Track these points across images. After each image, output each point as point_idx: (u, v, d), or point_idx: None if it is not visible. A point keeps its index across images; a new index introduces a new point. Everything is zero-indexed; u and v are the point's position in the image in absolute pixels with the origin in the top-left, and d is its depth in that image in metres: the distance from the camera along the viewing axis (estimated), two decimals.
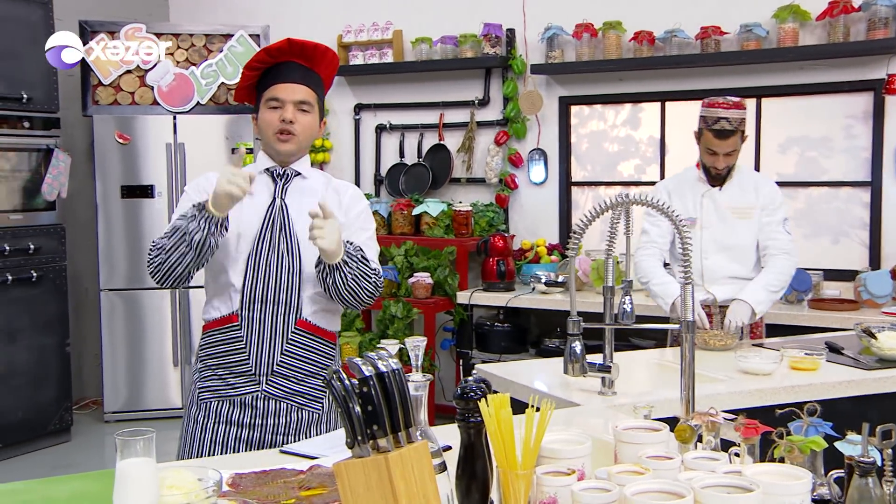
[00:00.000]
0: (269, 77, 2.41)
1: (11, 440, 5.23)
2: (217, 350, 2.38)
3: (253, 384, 2.35)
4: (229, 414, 2.36)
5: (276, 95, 2.38)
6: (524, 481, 1.42)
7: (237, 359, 2.35)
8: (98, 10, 6.24)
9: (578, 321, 2.36)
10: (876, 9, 4.62)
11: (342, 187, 2.51)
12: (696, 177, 3.57)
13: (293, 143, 2.40)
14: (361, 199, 2.51)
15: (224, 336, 2.36)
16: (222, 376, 2.38)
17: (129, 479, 1.40)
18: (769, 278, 3.45)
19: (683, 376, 2.16)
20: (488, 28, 5.60)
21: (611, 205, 2.27)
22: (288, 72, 2.40)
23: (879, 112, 4.82)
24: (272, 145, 2.41)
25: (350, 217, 2.44)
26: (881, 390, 2.91)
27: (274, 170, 2.43)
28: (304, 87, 2.40)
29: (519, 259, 5.59)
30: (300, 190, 2.43)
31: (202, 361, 2.43)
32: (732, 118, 3.38)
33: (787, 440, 1.61)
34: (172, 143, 5.93)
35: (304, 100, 2.39)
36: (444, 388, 5.73)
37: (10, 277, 5.18)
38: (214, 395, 2.39)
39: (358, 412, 1.33)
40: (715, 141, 3.40)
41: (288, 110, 2.37)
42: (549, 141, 5.71)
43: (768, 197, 3.54)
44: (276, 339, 2.34)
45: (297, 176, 2.45)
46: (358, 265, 2.28)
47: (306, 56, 2.42)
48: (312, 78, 2.44)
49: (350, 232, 2.39)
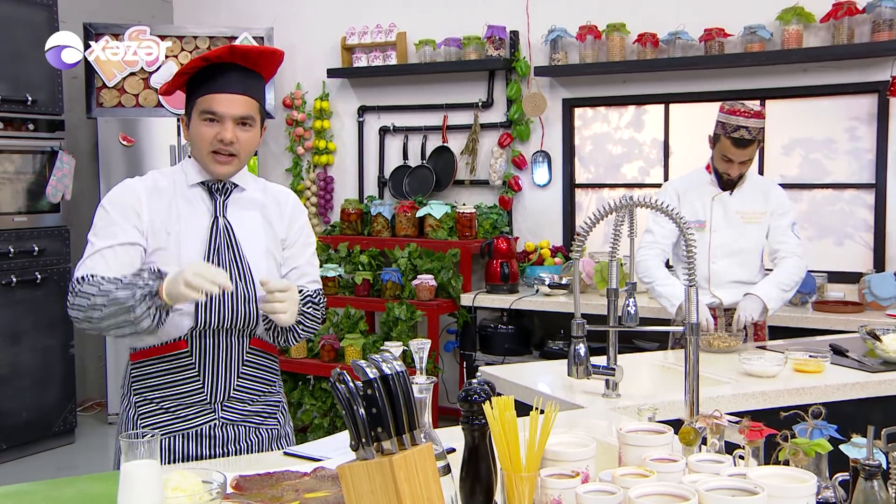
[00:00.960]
0: (205, 84, 2.11)
1: (16, 442, 5.24)
2: (160, 381, 2.14)
3: (208, 413, 2.15)
4: (185, 449, 2.13)
5: (214, 108, 2.09)
6: (528, 484, 1.42)
7: (188, 388, 2.13)
8: (102, 12, 6.26)
9: (582, 323, 2.36)
10: (880, 10, 4.61)
11: (282, 196, 2.29)
12: (706, 180, 3.56)
13: (233, 164, 2.14)
14: (303, 210, 2.32)
15: (168, 364, 2.13)
16: (169, 409, 2.13)
17: (133, 481, 1.41)
18: (781, 277, 3.48)
19: (688, 378, 2.16)
20: (492, 30, 5.60)
21: (615, 207, 2.27)
22: (227, 81, 2.10)
23: (883, 114, 4.81)
24: (207, 165, 2.13)
25: (293, 232, 2.26)
26: (886, 393, 2.91)
27: (211, 184, 2.17)
28: (245, 99, 2.11)
29: (523, 261, 5.59)
30: (239, 203, 2.20)
31: (139, 394, 2.16)
32: (752, 127, 3.37)
33: (791, 443, 1.61)
34: (176, 145, 5.94)
35: (246, 114, 2.12)
36: (447, 390, 5.73)
37: (15, 279, 5.19)
38: (165, 433, 2.12)
39: (362, 414, 1.33)
40: (733, 149, 3.39)
41: (227, 129, 2.09)
42: (553, 143, 5.71)
43: (777, 202, 3.57)
44: (232, 363, 2.16)
45: (236, 188, 2.20)
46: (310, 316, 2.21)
47: (249, 60, 2.14)
48: (253, 85, 2.15)
49: (295, 249, 2.26)
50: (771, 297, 3.43)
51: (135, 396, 2.17)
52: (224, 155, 2.12)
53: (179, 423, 2.14)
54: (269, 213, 2.25)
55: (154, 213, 2.13)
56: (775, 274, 3.50)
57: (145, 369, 2.15)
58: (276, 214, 2.25)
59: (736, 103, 3.46)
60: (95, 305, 1.99)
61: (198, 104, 2.12)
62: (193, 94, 2.14)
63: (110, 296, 1.97)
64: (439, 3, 5.94)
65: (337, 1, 6.29)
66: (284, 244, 2.26)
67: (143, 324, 1.95)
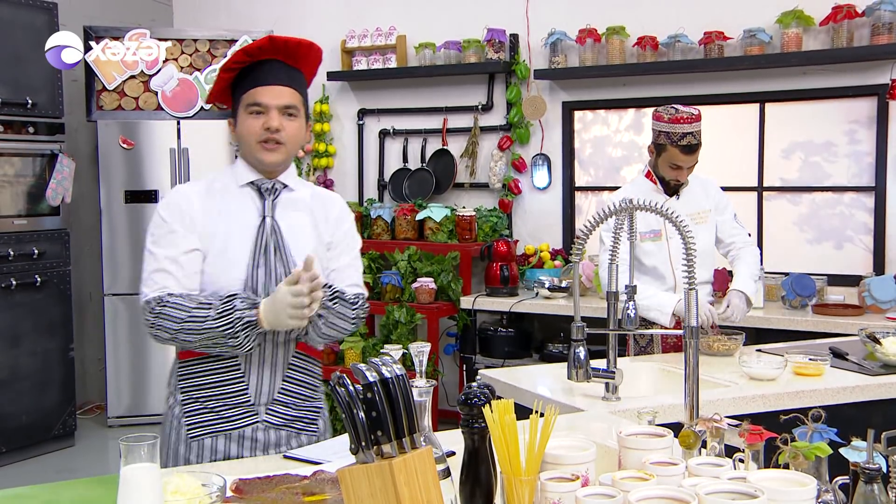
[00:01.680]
0: (249, 78, 2.17)
1: (15, 445, 5.23)
2: (206, 380, 2.18)
3: (251, 415, 2.18)
4: (227, 450, 2.17)
5: (259, 100, 2.15)
6: (528, 487, 1.42)
7: (233, 389, 2.17)
8: (102, 15, 6.27)
9: (582, 326, 2.36)
10: (880, 14, 4.62)
11: (329, 200, 2.33)
12: (651, 188, 3.54)
13: (280, 152, 2.18)
14: (349, 215, 2.35)
15: (215, 366, 2.17)
16: (213, 409, 2.17)
17: (133, 485, 1.40)
18: (751, 269, 3.59)
19: (687, 382, 2.16)
20: (492, 33, 5.61)
21: (614, 210, 2.27)
22: (270, 73, 2.16)
23: (883, 117, 4.82)
24: (256, 156, 2.18)
25: (338, 235, 2.29)
26: (886, 396, 2.91)
27: (260, 184, 2.21)
28: (289, 90, 2.17)
29: (522, 264, 5.59)
30: (288, 204, 2.24)
31: (185, 393, 2.19)
32: (696, 132, 3.38)
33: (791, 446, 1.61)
34: (176, 148, 5.94)
35: (291, 104, 2.17)
36: (447, 393, 5.72)
37: (15, 282, 5.18)
38: (208, 432, 2.17)
39: (362, 418, 1.33)
40: (682, 156, 3.39)
41: (273, 117, 2.15)
42: (553, 146, 5.71)
43: (717, 196, 3.64)
44: (277, 367, 2.20)
45: (285, 189, 2.24)
46: (334, 312, 2.16)
47: (289, 54, 2.19)
48: (297, 78, 2.21)
49: (336, 252, 2.27)
50: (750, 290, 3.54)
51: (180, 395, 2.20)
52: (271, 143, 2.16)
53: (223, 424, 2.17)
54: (317, 216, 2.27)
55: (206, 216, 2.17)
56: (744, 267, 3.58)
57: (192, 369, 2.19)
58: (323, 217, 2.27)
59: (672, 109, 3.41)
60: (187, 330, 2.05)
61: (243, 100, 2.18)
62: (238, 92, 2.20)
63: (205, 324, 2.04)
64: (439, 6, 5.95)
65: (337, 4, 6.29)
66: (329, 247, 2.27)
67: (246, 347, 2.06)
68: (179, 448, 2.18)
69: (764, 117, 5.15)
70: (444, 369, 5.74)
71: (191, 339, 2.07)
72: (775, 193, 5.17)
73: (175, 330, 2.06)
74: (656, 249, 3.52)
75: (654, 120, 3.46)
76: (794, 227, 5.13)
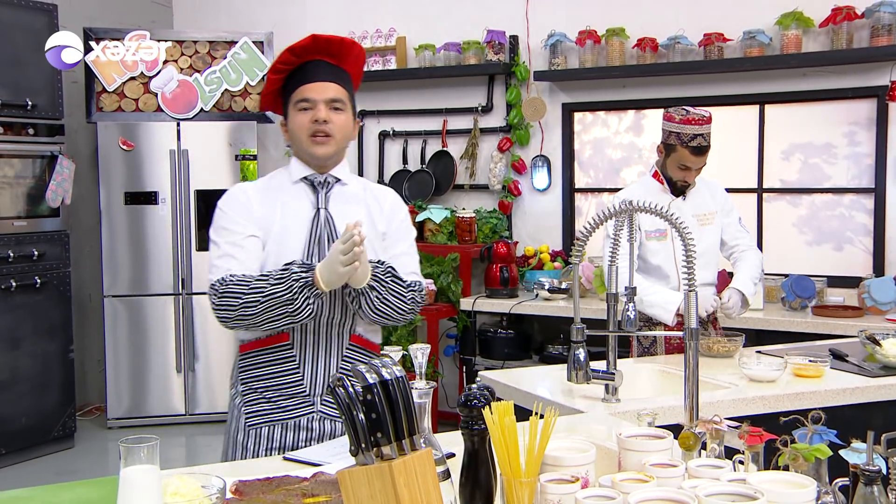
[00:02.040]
0: (296, 79, 2.29)
1: (15, 446, 5.23)
2: (264, 371, 2.26)
3: (307, 405, 2.25)
4: (282, 439, 2.25)
5: (306, 96, 2.26)
6: (528, 489, 1.41)
7: (289, 380, 2.25)
8: (102, 17, 6.27)
9: (582, 328, 2.36)
10: (879, 16, 4.62)
11: (381, 193, 2.40)
12: (658, 188, 3.56)
13: (330, 144, 2.27)
14: (403, 207, 2.42)
15: (272, 356, 2.25)
16: (271, 398, 2.26)
17: (132, 487, 1.40)
18: (752, 272, 3.61)
19: (687, 383, 2.16)
20: (491, 35, 5.61)
21: (614, 212, 2.27)
22: (316, 70, 2.28)
23: (883, 119, 4.82)
24: (307, 150, 2.28)
25: (391, 227, 2.35)
26: (886, 397, 2.91)
27: (313, 178, 2.31)
28: (334, 85, 2.28)
29: (522, 265, 5.59)
30: (341, 198, 2.32)
31: (245, 384, 2.30)
32: (706, 133, 3.42)
33: (791, 448, 1.61)
34: (176, 150, 5.94)
35: (337, 97, 2.27)
36: (447, 395, 5.72)
37: (14, 284, 5.18)
38: (265, 421, 2.26)
39: (362, 420, 1.33)
40: (692, 157, 3.42)
41: (321, 110, 2.25)
42: (553, 147, 5.72)
43: (723, 199, 3.67)
44: (332, 358, 2.26)
45: (338, 182, 2.33)
46: (386, 286, 2.20)
47: (332, 52, 2.30)
48: (342, 75, 2.32)
49: (391, 241, 2.33)
50: (748, 291, 3.56)
51: (241, 386, 2.30)
52: (321, 136, 2.26)
53: (280, 413, 2.25)
54: (371, 208, 2.34)
55: (263, 209, 2.27)
56: (746, 269, 3.60)
57: (251, 360, 2.28)
58: (377, 210, 2.35)
59: (683, 111, 3.43)
60: (249, 303, 2.12)
61: (292, 99, 2.29)
62: (287, 93, 2.31)
63: (265, 292, 2.11)
64: (439, 7, 5.95)
65: (337, 6, 6.30)
66: (384, 237, 2.33)
67: (304, 313, 2.11)
68: (238, 436, 2.28)
69: (764, 119, 5.15)
70: (444, 371, 5.74)
71: (252, 313, 2.12)
72: (775, 195, 5.17)
73: (238, 305, 2.13)
74: (661, 249, 3.54)
75: (665, 120, 3.48)
76: (793, 228, 5.13)
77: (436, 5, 5.96)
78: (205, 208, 5.96)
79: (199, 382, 6.05)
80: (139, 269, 5.93)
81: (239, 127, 6.03)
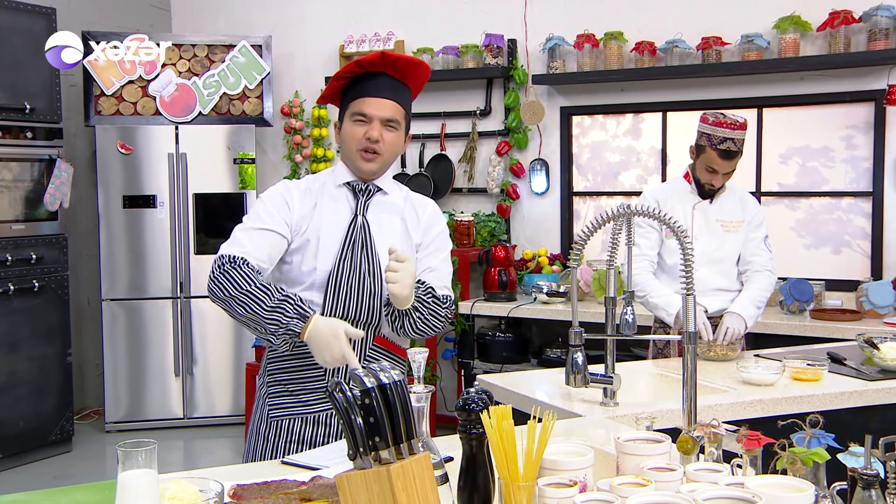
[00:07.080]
0: (357, 89, 2.30)
1: (12, 450, 5.22)
2: (290, 365, 2.31)
3: (327, 401, 2.26)
4: (301, 432, 2.29)
5: (364, 110, 2.27)
6: (526, 493, 1.41)
7: (312, 374, 2.29)
8: (101, 20, 6.27)
9: (580, 332, 2.35)
10: (877, 19, 4.63)
11: (420, 203, 2.42)
12: (686, 189, 3.56)
13: (377, 162, 2.31)
14: (441, 219, 2.43)
15: (299, 350, 2.27)
16: (294, 392, 2.31)
17: (130, 491, 1.40)
18: (756, 294, 3.48)
19: (685, 387, 2.16)
20: (490, 38, 5.62)
21: (612, 216, 2.27)
22: (377, 86, 2.28)
23: (880, 122, 4.83)
24: (355, 162, 2.32)
25: (428, 237, 2.37)
26: (884, 401, 2.91)
27: (355, 184, 2.35)
28: (392, 104, 2.29)
29: (520, 269, 5.59)
30: (380, 206, 2.36)
31: (271, 376, 2.35)
32: (738, 139, 3.39)
33: (789, 452, 1.61)
34: (174, 153, 5.94)
35: (392, 117, 2.29)
36: (445, 398, 5.72)
37: (12, 287, 5.18)
38: (286, 413, 2.31)
39: (360, 424, 1.33)
40: (719, 161, 3.40)
41: (375, 128, 2.27)
42: (551, 151, 5.72)
43: (752, 213, 3.59)
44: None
45: (379, 192, 2.36)
46: (428, 307, 2.24)
47: (398, 69, 2.31)
48: (401, 92, 2.33)
49: (427, 252, 2.35)
50: (749, 315, 3.43)
51: (268, 378, 2.36)
52: (370, 153, 2.30)
53: (301, 407, 2.30)
54: (408, 219, 2.37)
55: (303, 210, 2.32)
56: (750, 291, 3.49)
57: (279, 354, 2.32)
58: (414, 220, 2.38)
59: (719, 114, 3.43)
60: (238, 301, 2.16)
61: (350, 107, 2.31)
62: (346, 98, 2.34)
63: (256, 307, 2.14)
64: (437, 11, 5.95)
65: (335, 9, 6.30)
66: (419, 248, 2.36)
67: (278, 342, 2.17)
68: (261, 426, 2.34)
69: (762, 122, 5.16)
70: (442, 374, 5.74)
71: (235, 311, 2.17)
72: (773, 198, 5.18)
73: (232, 295, 2.16)
74: (679, 249, 3.52)
75: (700, 122, 3.49)
76: (791, 232, 5.14)
77: (434, 9, 5.97)
78: (203, 212, 5.96)
79: (197, 386, 6.04)
80: (137, 272, 5.93)
81: (237, 130, 6.03)
